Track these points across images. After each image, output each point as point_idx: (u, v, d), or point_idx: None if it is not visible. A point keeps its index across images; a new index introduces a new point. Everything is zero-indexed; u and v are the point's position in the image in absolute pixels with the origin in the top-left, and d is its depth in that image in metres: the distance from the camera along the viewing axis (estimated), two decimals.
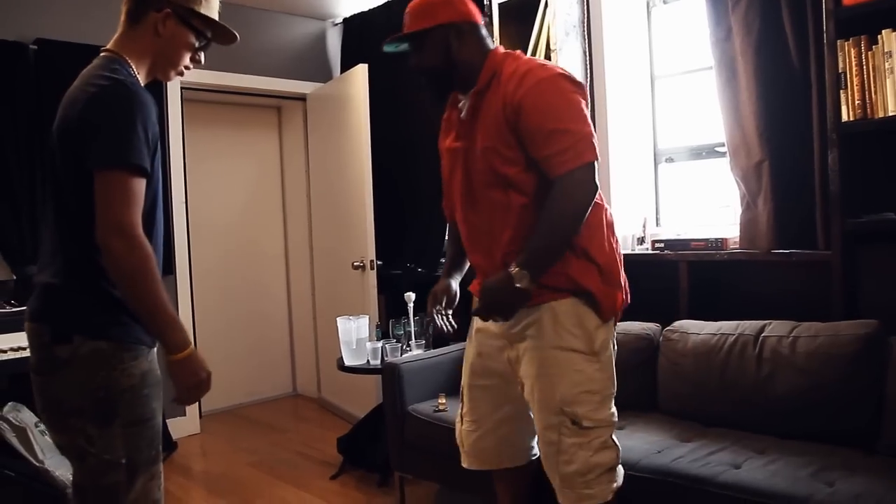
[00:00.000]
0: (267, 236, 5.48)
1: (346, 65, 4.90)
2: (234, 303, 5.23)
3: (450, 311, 2.23)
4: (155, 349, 1.73)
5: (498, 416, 2.16)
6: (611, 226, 2.02)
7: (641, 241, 3.31)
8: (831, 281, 2.57)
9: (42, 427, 3.40)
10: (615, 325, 2.07)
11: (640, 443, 2.46)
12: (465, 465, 2.25)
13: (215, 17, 1.80)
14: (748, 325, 2.62)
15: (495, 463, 2.22)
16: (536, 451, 2.18)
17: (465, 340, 2.30)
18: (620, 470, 2.02)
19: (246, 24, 4.64)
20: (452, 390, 2.96)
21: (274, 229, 5.52)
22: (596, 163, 1.83)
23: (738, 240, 2.93)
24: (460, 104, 2.05)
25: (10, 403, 3.39)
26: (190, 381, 1.62)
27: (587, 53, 3.49)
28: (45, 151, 1.73)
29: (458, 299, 2.26)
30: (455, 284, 2.26)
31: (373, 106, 4.26)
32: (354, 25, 4.93)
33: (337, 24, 5.10)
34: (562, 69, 1.92)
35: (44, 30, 3.85)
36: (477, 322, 2.16)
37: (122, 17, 1.72)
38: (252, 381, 5.30)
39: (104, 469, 1.62)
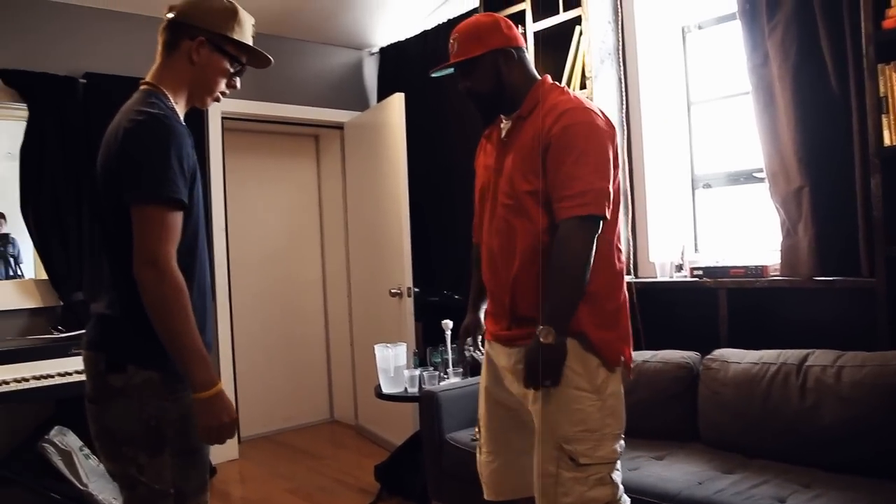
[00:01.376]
0: (305, 263, 5.55)
1: (383, 94, 4.98)
2: (272, 329, 5.29)
3: (479, 342, 2.26)
4: None
5: (516, 448, 2.13)
6: (620, 273, 2.01)
7: (679, 268, 3.28)
8: (876, 308, 2.51)
9: (87, 451, 3.48)
10: (625, 376, 2.01)
11: (680, 474, 2.42)
12: (486, 496, 2.20)
13: (249, 41, 1.82)
14: (790, 354, 2.58)
15: (515, 493, 2.16)
16: None
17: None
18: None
19: (284, 54, 4.74)
20: None
21: (311, 256, 5.59)
22: (601, 220, 1.86)
23: (778, 267, 2.88)
24: (502, 125, 2.10)
25: (56, 427, 3.47)
26: (211, 422, 1.60)
27: (622, 80, 3.50)
28: (93, 186, 1.77)
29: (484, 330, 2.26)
30: (482, 316, 2.28)
31: (409, 134, 4.31)
32: (390, 55, 5.01)
33: (373, 54, 5.19)
34: (602, 117, 1.95)
35: (92, 64, 3.99)
36: (488, 354, 2.17)
37: (160, 48, 1.76)
38: (290, 408, 5.33)
39: (154, 498, 1.64)
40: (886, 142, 2.43)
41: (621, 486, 1.96)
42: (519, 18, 3.75)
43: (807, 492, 2.20)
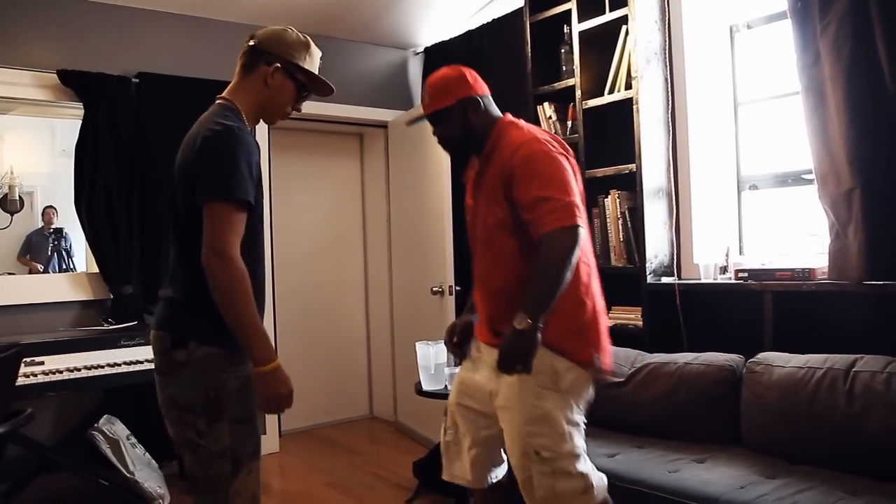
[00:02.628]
0: (347, 260, 5.60)
1: None
2: (314, 325, 5.36)
3: (461, 343, 2.43)
4: None
5: (472, 438, 2.34)
6: (587, 285, 2.16)
7: (724, 270, 3.23)
8: None
9: (133, 440, 3.57)
10: (598, 377, 2.19)
11: (721, 477, 2.40)
12: (444, 477, 2.45)
13: (316, 71, 2.06)
14: (838, 359, 2.53)
15: (466, 480, 2.39)
16: (494, 477, 2.39)
17: None
18: (597, 491, 2.13)
19: (330, 54, 4.76)
20: None
21: (354, 253, 5.64)
22: (578, 227, 2.01)
23: (826, 270, 2.82)
24: (476, 164, 2.33)
25: (105, 416, 3.56)
26: (272, 393, 1.82)
27: (668, 80, 3.47)
28: (172, 185, 1.98)
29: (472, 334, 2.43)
30: (474, 320, 2.43)
31: None
32: (435, 55, 5.04)
33: (418, 54, 5.22)
34: (555, 143, 2.16)
35: (145, 64, 4.10)
36: (474, 351, 2.38)
37: (238, 69, 2.00)
38: (330, 403, 5.39)
39: (212, 460, 1.85)
40: None
41: (592, 474, 2.13)
42: (564, 18, 3.74)
43: (853, 499, 2.15)
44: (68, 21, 3.94)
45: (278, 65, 1.96)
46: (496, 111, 2.32)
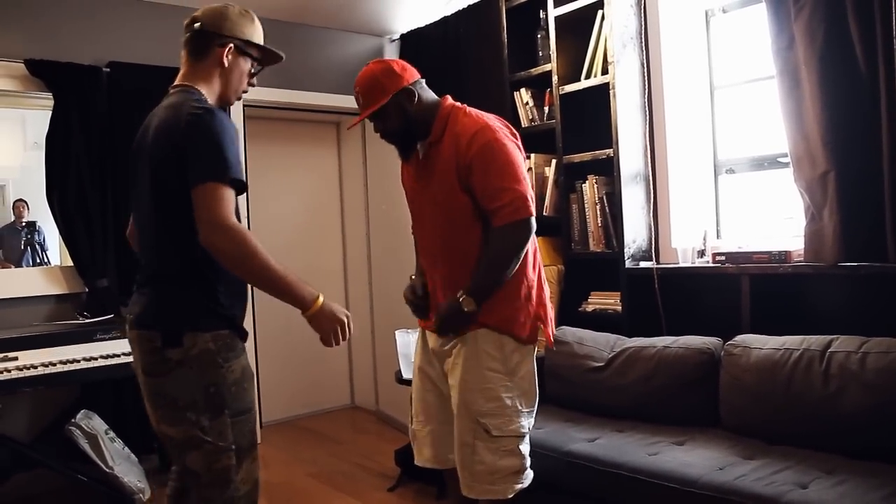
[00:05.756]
0: (326, 249, 5.57)
1: None
2: (294, 315, 5.24)
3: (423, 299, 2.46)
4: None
5: (440, 418, 2.39)
6: (532, 264, 2.29)
7: (702, 254, 3.25)
8: None
9: (112, 434, 3.53)
10: (535, 350, 2.32)
11: (700, 459, 2.42)
12: (417, 462, 2.48)
13: (262, 41, 2.04)
14: (814, 340, 2.55)
15: (438, 461, 2.42)
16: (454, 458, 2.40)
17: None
18: (528, 474, 2.27)
19: (306, 42, 4.74)
20: None
21: (333, 243, 5.61)
22: (531, 218, 2.16)
23: (802, 252, 2.85)
24: (419, 148, 2.34)
25: (82, 411, 3.52)
26: (328, 328, 1.89)
27: (645, 65, 3.47)
28: (138, 174, 1.95)
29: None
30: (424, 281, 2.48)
31: None
32: (411, 41, 5.00)
33: (394, 41, 5.18)
34: (505, 129, 2.25)
35: (116, 53, 4.02)
36: (424, 338, 2.45)
37: (185, 56, 1.97)
38: (311, 393, 5.38)
39: (218, 454, 1.86)
40: None
41: (528, 459, 2.27)
42: (540, 4, 3.73)
43: (829, 478, 2.18)
44: (36, 9, 3.85)
45: (232, 45, 1.94)
46: (433, 95, 2.33)
